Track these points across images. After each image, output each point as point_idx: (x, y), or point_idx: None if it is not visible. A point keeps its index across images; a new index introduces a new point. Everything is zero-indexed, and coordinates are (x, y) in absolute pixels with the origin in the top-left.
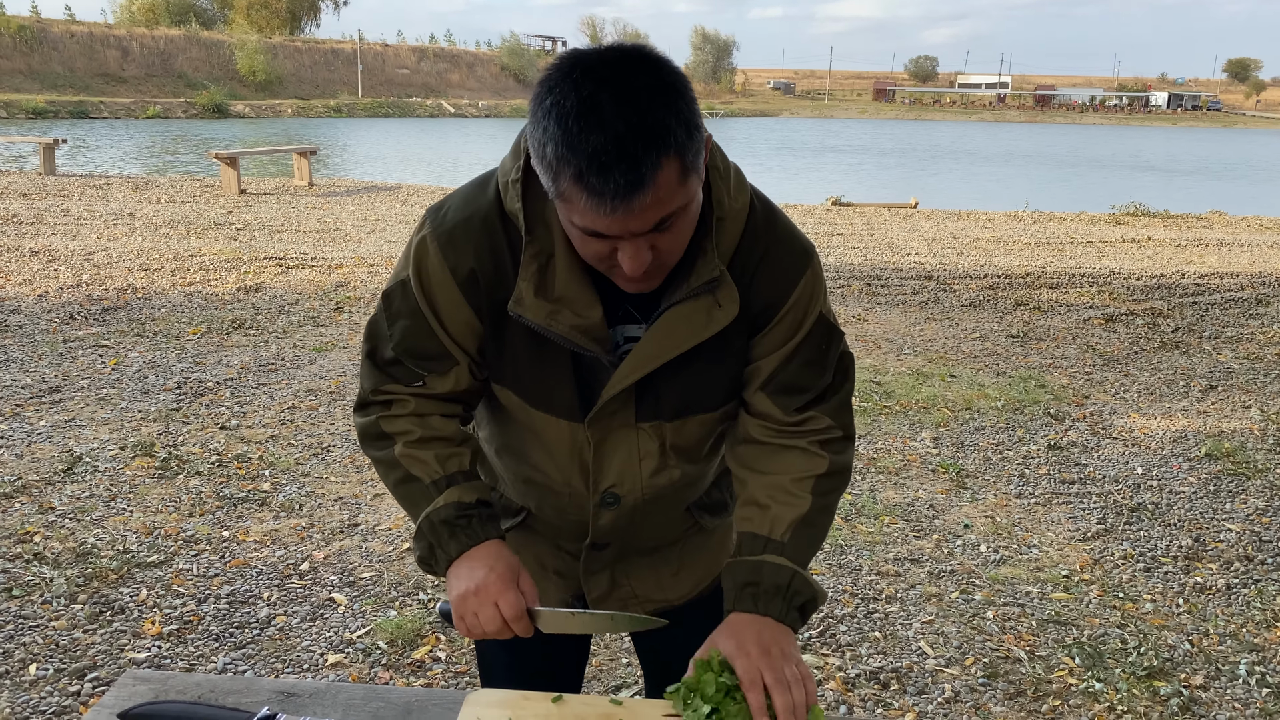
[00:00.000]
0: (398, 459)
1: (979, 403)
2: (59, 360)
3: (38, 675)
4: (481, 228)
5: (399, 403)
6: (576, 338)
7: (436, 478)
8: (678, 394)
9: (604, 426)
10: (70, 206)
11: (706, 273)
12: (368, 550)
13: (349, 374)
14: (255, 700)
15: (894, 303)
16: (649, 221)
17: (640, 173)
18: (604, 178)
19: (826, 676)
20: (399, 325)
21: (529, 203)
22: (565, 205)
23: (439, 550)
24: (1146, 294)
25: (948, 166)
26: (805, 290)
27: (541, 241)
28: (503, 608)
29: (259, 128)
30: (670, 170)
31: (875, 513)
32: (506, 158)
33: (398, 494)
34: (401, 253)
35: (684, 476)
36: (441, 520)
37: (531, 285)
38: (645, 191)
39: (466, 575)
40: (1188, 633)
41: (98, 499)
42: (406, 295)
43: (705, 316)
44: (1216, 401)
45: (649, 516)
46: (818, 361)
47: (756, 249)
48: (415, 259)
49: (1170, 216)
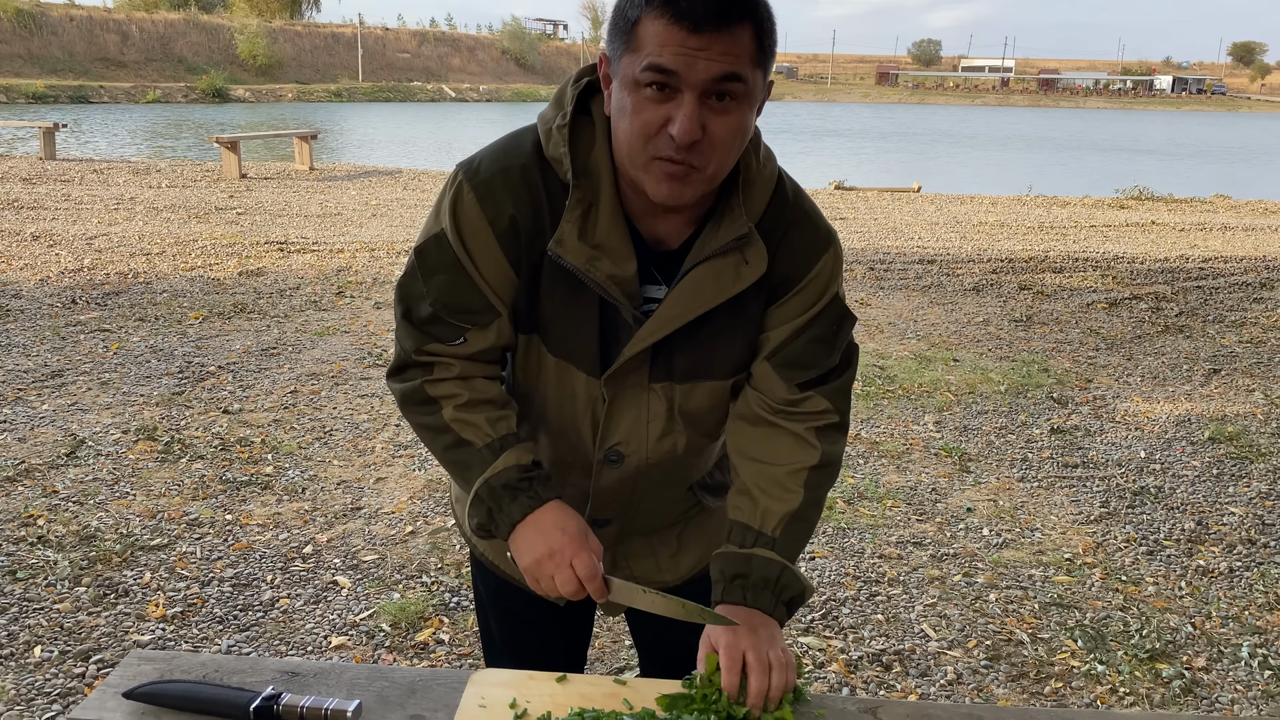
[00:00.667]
0: (448, 424)
1: (982, 387)
2: (61, 345)
3: (43, 657)
4: (520, 177)
5: (441, 365)
6: (610, 286)
7: (489, 440)
8: (691, 358)
9: (619, 384)
10: (71, 191)
11: (735, 230)
12: (371, 533)
13: (351, 358)
14: (260, 680)
15: (897, 287)
16: (719, 67)
17: (728, 11)
18: (693, 1)
19: (829, 659)
20: (437, 280)
21: (576, 149)
22: (634, 57)
23: (500, 515)
24: (1150, 278)
25: (951, 151)
26: (825, 268)
27: (585, 189)
28: (578, 568)
29: (259, 112)
30: (747, 36)
31: (878, 496)
32: (548, 110)
33: (447, 459)
34: (430, 211)
35: (688, 445)
36: (502, 484)
37: (575, 228)
38: (729, 31)
39: (538, 539)
40: (1190, 615)
41: (100, 482)
42: (443, 248)
43: (733, 273)
44: (1220, 385)
45: (651, 487)
46: (827, 340)
47: (783, 221)
48: (452, 210)
49: (1174, 200)
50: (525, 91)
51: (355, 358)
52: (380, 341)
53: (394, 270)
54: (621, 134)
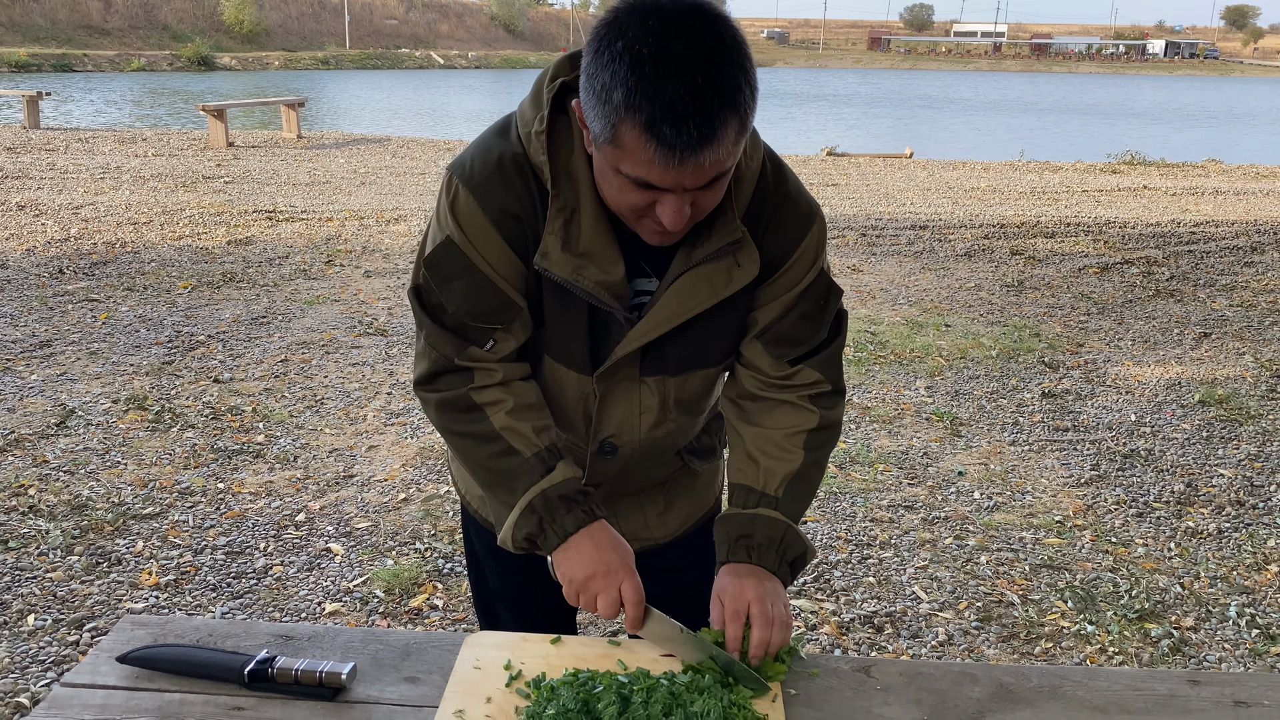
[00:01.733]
0: (498, 432)
1: (973, 352)
2: (49, 315)
3: (36, 625)
4: (514, 171)
5: (483, 371)
6: (599, 293)
7: (538, 450)
8: (684, 350)
9: (610, 379)
10: (56, 160)
11: (728, 234)
12: (363, 501)
13: (342, 327)
14: (254, 643)
15: (889, 253)
16: (705, 177)
17: (713, 128)
18: (678, 129)
19: (821, 621)
20: (454, 287)
21: (554, 155)
22: (617, 153)
23: (552, 526)
24: (1141, 242)
25: (943, 116)
26: (810, 246)
27: (566, 196)
28: (627, 594)
29: (245, 80)
30: (732, 129)
31: (869, 461)
32: (526, 107)
33: (491, 466)
34: (430, 220)
35: (679, 428)
36: (560, 496)
37: (558, 240)
38: (714, 147)
39: (594, 554)
40: (1179, 576)
41: (91, 452)
42: (453, 254)
43: (726, 277)
44: (1210, 349)
45: (642, 463)
46: (815, 316)
47: (767, 206)
48: (454, 215)
49: (1166, 165)
50: (514, 58)
51: (346, 326)
52: (370, 310)
53: (383, 239)
54: (605, 194)
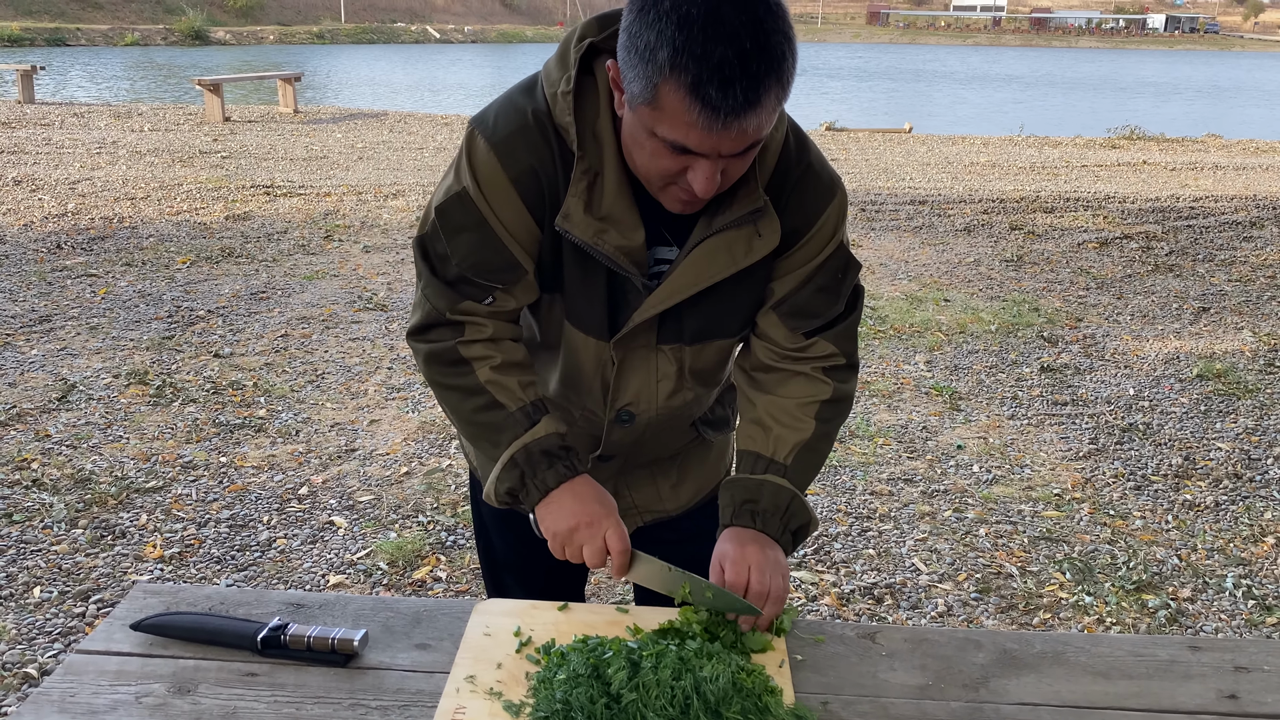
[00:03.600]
0: (483, 385)
1: (972, 326)
2: (48, 290)
3: (42, 597)
4: (538, 133)
5: (474, 326)
6: (619, 258)
7: (522, 404)
8: (700, 319)
9: (627, 347)
10: (52, 135)
11: (750, 202)
12: (366, 474)
13: (341, 302)
14: (266, 611)
15: (888, 228)
16: (742, 143)
17: (758, 93)
18: (724, 91)
19: (821, 592)
20: (462, 240)
21: (581, 117)
22: (655, 114)
23: (534, 480)
24: (1141, 217)
25: (942, 91)
26: (830, 218)
27: (591, 158)
28: (611, 542)
29: (240, 55)
30: (774, 95)
31: (869, 434)
32: (553, 66)
33: (476, 420)
34: (447, 170)
35: (696, 397)
36: (542, 451)
37: (581, 202)
38: (756, 113)
39: (576, 507)
40: (1176, 548)
41: (93, 426)
42: (466, 207)
43: (746, 245)
44: (1209, 323)
45: (658, 433)
46: (832, 289)
47: (790, 177)
48: (473, 168)
49: (1166, 140)
50: (511, 33)
51: (345, 301)
52: (370, 285)
53: (381, 213)
54: (635, 158)
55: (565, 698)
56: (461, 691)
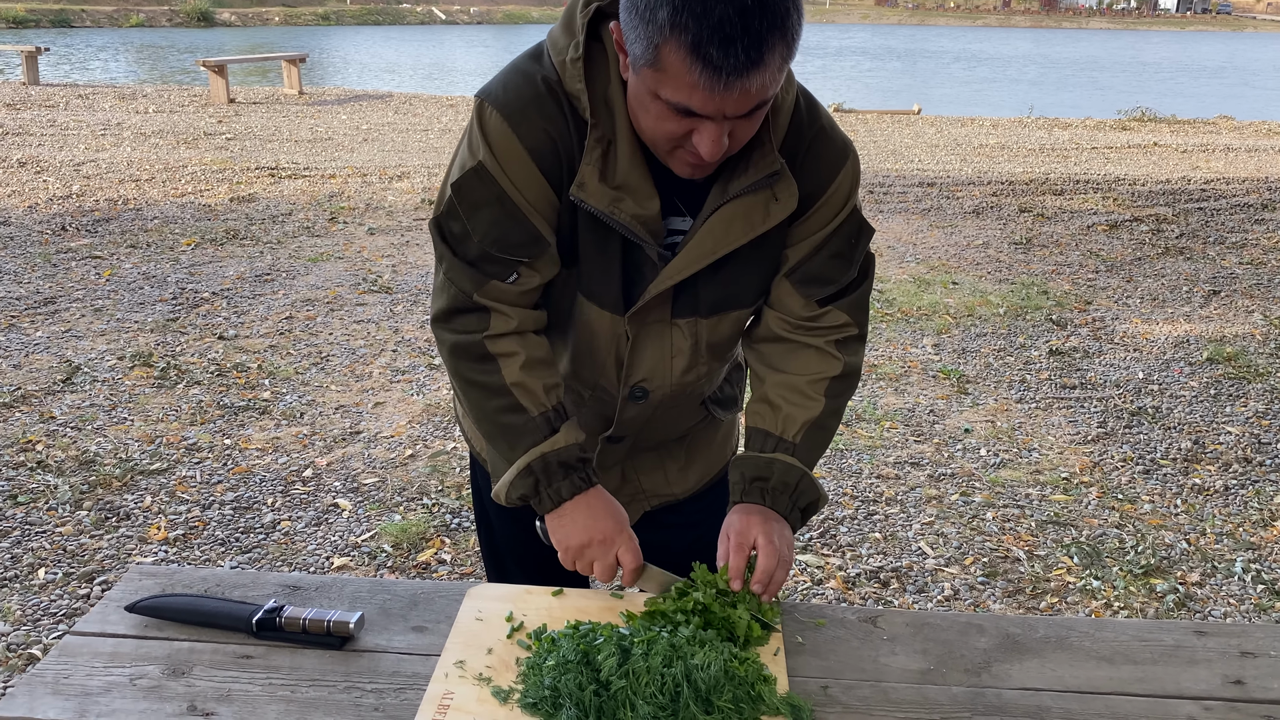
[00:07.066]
0: (509, 387)
1: (981, 309)
2: (52, 272)
3: (47, 579)
4: (550, 100)
5: (500, 316)
6: (635, 227)
7: (544, 410)
8: (717, 290)
9: (641, 321)
10: (56, 117)
11: (766, 166)
12: (370, 457)
13: (346, 284)
14: (262, 593)
15: (896, 210)
16: (748, 105)
17: (761, 51)
18: (725, 50)
19: (827, 575)
20: (481, 215)
21: (591, 84)
22: (657, 76)
23: (548, 490)
24: (1151, 200)
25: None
26: (844, 182)
27: (605, 126)
28: (624, 559)
29: (246, 36)
30: (779, 54)
31: (876, 418)
32: (558, 34)
33: (496, 420)
34: (460, 146)
35: (710, 372)
36: (559, 462)
37: (595, 170)
38: (761, 72)
39: (589, 522)
40: (1185, 532)
41: (98, 408)
42: (484, 181)
43: (763, 211)
44: (1219, 306)
45: (669, 412)
46: (845, 255)
47: (802, 139)
48: (487, 141)
49: (1177, 122)
50: (516, 14)
51: (350, 283)
52: (375, 267)
53: (386, 195)
54: (641, 122)
55: (554, 684)
56: (450, 677)
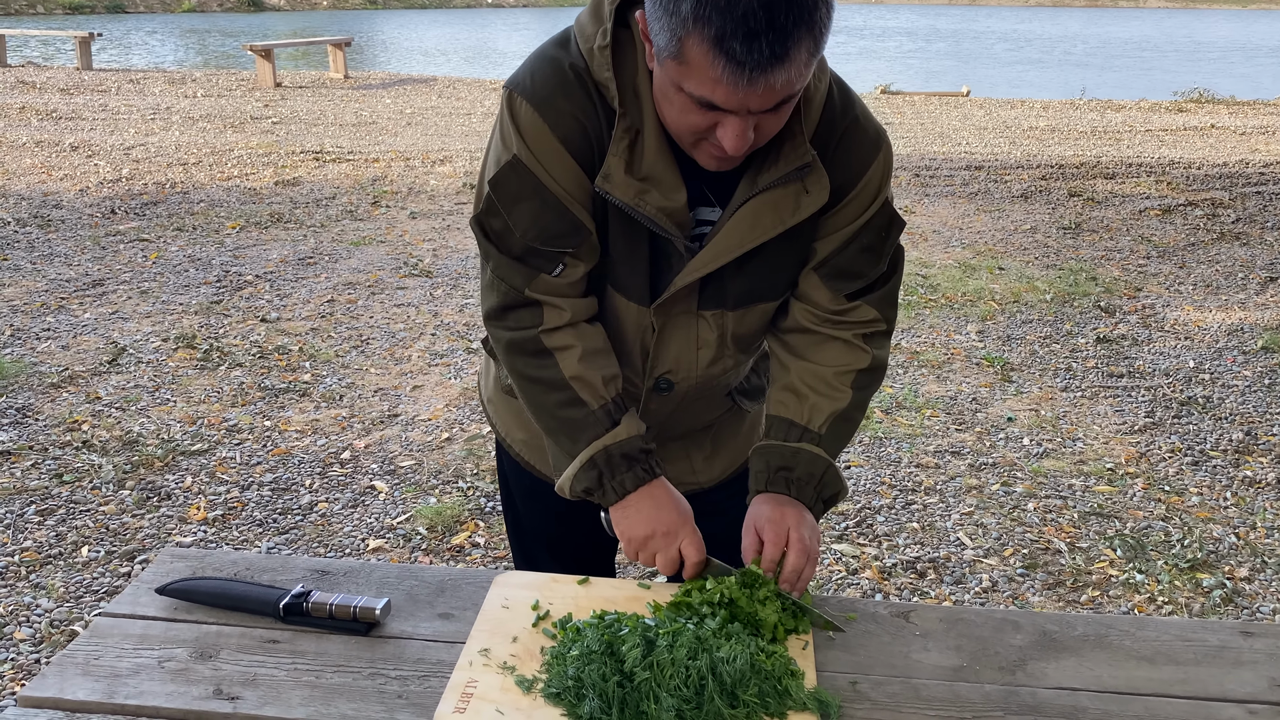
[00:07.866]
0: (568, 381)
1: (1027, 295)
2: (101, 254)
3: (89, 557)
4: (579, 88)
5: (553, 310)
6: (661, 220)
7: (604, 403)
8: (745, 282)
9: (667, 312)
10: (108, 101)
11: (797, 158)
12: (408, 440)
13: (387, 268)
14: (290, 578)
15: (942, 194)
16: (773, 100)
17: (786, 46)
18: (749, 45)
19: (862, 565)
20: (522, 209)
21: (620, 72)
22: (681, 69)
23: (612, 482)
24: (1207, 184)
25: (1002, 53)
26: (876, 174)
27: (633, 116)
28: (687, 552)
29: (294, 20)
30: (805, 49)
31: (916, 406)
32: (586, 21)
33: (556, 414)
34: (492, 140)
35: (736, 365)
36: (623, 454)
37: (621, 162)
38: (785, 67)
39: (654, 513)
40: (1234, 526)
41: (142, 389)
42: (521, 174)
43: (793, 203)
44: (1276, 293)
45: (695, 403)
46: (876, 248)
47: (835, 130)
48: (520, 132)
49: (1236, 103)
50: None
51: (391, 267)
52: (416, 251)
53: (429, 180)
54: (665, 114)
55: (578, 674)
56: (475, 665)
